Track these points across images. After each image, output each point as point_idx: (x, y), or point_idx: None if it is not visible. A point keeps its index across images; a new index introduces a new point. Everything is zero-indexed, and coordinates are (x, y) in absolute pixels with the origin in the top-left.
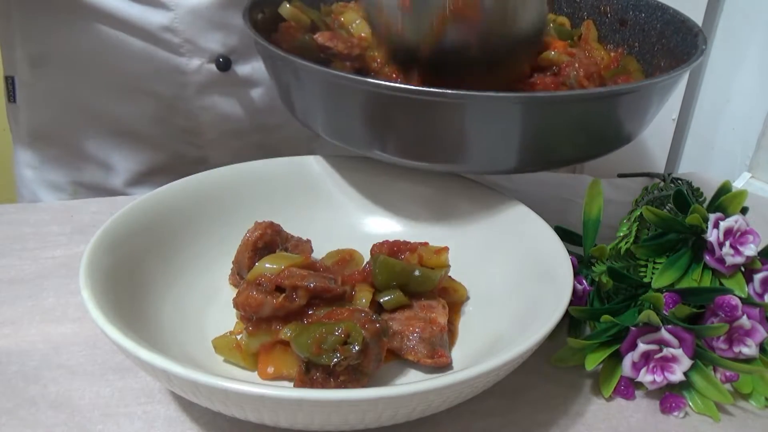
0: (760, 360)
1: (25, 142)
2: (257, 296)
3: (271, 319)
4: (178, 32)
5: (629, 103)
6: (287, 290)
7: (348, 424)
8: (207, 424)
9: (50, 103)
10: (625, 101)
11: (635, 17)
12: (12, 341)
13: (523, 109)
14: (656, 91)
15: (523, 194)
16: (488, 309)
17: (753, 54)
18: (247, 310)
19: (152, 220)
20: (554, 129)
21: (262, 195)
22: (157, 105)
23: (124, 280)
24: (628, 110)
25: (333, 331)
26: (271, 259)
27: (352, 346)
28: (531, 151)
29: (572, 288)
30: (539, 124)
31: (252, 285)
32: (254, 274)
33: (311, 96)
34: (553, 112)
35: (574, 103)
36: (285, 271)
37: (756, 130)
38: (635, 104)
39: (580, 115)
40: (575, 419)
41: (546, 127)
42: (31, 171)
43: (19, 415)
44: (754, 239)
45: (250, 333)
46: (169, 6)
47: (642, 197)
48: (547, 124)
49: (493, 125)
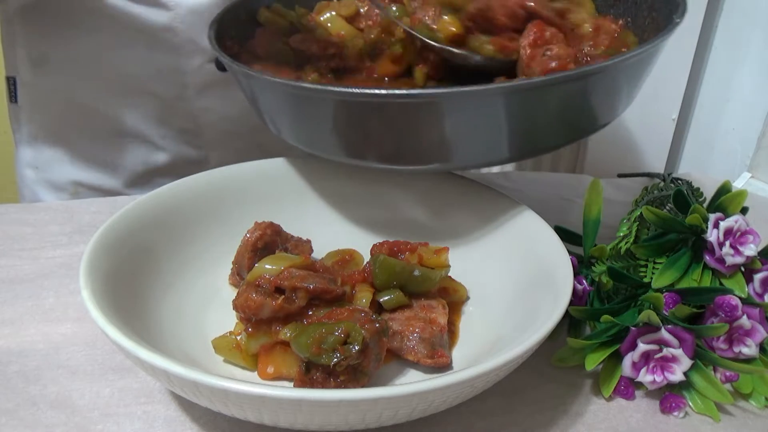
0: (760, 360)
1: (26, 143)
2: (256, 298)
3: (270, 320)
4: (178, 32)
5: (605, 81)
6: (287, 291)
7: (348, 424)
8: (207, 424)
9: (51, 104)
10: (598, 80)
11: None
12: (12, 341)
13: (503, 100)
14: (630, 67)
15: (523, 194)
16: (488, 309)
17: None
18: (246, 312)
19: (152, 220)
20: (537, 114)
21: (262, 195)
22: (157, 105)
23: (124, 280)
24: (608, 87)
25: (333, 331)
26: (270, 260)
27: (352, 346)
28: (517, 139)
29: (572, 288)
30: (521, 111)
31: (251, 286)
32: (254, 275)
33: (276, 107)
34: (534, 98)
35: (554, 87)
36: (284, 272)
37: (756, 130)
38: (612, 82)
39: (561, 98)
40: (575, 419)
41: (528, 114)
42: (32, 171)
43: (19, 415)
44: (754, 239)
45: (249, 334)
46: (169, 6)
47: (642, 197)
48: (529, 110)
49: (474, 119)
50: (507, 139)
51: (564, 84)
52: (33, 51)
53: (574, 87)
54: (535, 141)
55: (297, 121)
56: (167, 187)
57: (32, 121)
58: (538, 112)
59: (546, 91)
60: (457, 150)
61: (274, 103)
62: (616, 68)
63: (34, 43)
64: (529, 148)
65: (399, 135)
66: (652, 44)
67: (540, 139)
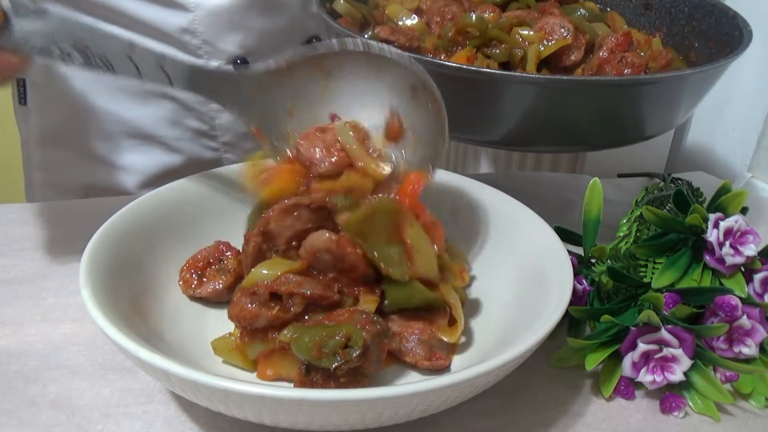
0: (760, 360)
1: (35, 145)
2: (251, 309)
3: (267, 328)
4: (197, 34)
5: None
6: (283, 297)
7: (348, 424)
8: (207, 424)
9: (62, 106)
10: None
11: (660, 1)
12: (12, 341)
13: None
14: (702, 79)
15: (523, 194)
16: (488, 309)
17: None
18: (241, 323)
19: (152, 220)
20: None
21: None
22: (172, 107)
23: (124, 280)
24: (671, 97)
25: (334, 334)
26: (266, 266)
27: (353, 350)
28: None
29: (572, 288)
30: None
31: (246, 294)
32: (250, 281)
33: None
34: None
35: (627, 88)
36: (281, 278)
37: (756, 130)
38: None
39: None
40: (575, 419)
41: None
42: (41, 174)
43: (19, 415)
44: (754, 239)
45: (245, 343)
46: (189, 7)
47: (642, 197)
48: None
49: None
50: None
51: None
52: None
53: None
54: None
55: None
56: (167, 187)
57: (42, 124)
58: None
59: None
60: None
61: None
62: (695, 78)
63: None
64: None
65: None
66: (730, 59)
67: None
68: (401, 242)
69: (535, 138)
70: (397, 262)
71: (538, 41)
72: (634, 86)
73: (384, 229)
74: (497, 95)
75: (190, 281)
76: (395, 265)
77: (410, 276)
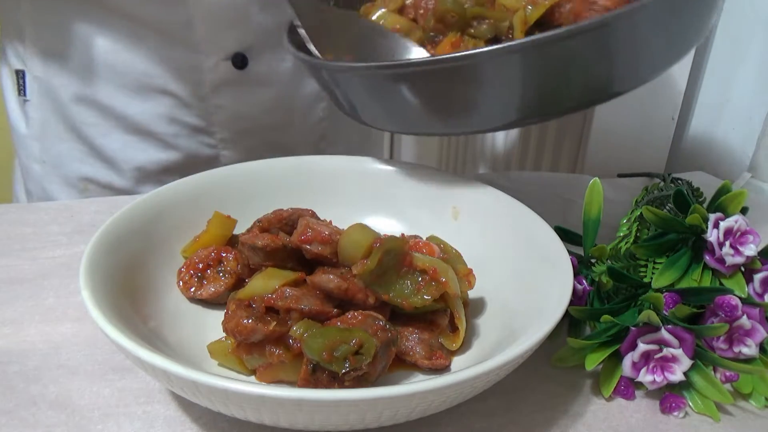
0: (760, 360)
1: (33, 137)
2: (248, 324)
3: (263, 342)
4: (196, 29)
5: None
6: (280, 312)
7: (348, 424)
8: (207, 424)
9: (62, 99)
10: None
11: None
12: (12, 341)
13: (520, 58)
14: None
15: (523, 194)
16: (488, 309)
17: (753, 54)
18: (237, 337)
19: (152, 220)
20: (553, 72)
21: (263, 194)
22: (171, 103)
23: (124, 280)
24: (626, 41)
25: (347, 340)
26: (263, 278)
27: (364, 358)
28: (534, 99)
29: (572, 288)
30: (539, 69)
31: (241, 307)
32: (246, 294)
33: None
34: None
35: (566, 41)
36: (278, 292)
37: (756, 130)
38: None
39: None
40: (575, 419)
41: (546, 72)
42: (39, 166)
43: (19, 415)
44: (754, 239)
45: (243, 356)
46: (189, 3)
47: (642, 197)
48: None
49: (496, 79)
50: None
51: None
52: (44, 45)
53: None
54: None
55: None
56: (167, 187)
57: (41, 116)
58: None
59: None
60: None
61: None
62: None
63: (45, 37)
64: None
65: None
66: None
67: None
68: (413, 272)
69: (546, 106)
70: (413, 292)
71: (522, 7)
72: (593, 30)
73: (393, 267)
74: (472, 78)
75: (189, 283)
76: (412, 296)
77: (437, 297)
